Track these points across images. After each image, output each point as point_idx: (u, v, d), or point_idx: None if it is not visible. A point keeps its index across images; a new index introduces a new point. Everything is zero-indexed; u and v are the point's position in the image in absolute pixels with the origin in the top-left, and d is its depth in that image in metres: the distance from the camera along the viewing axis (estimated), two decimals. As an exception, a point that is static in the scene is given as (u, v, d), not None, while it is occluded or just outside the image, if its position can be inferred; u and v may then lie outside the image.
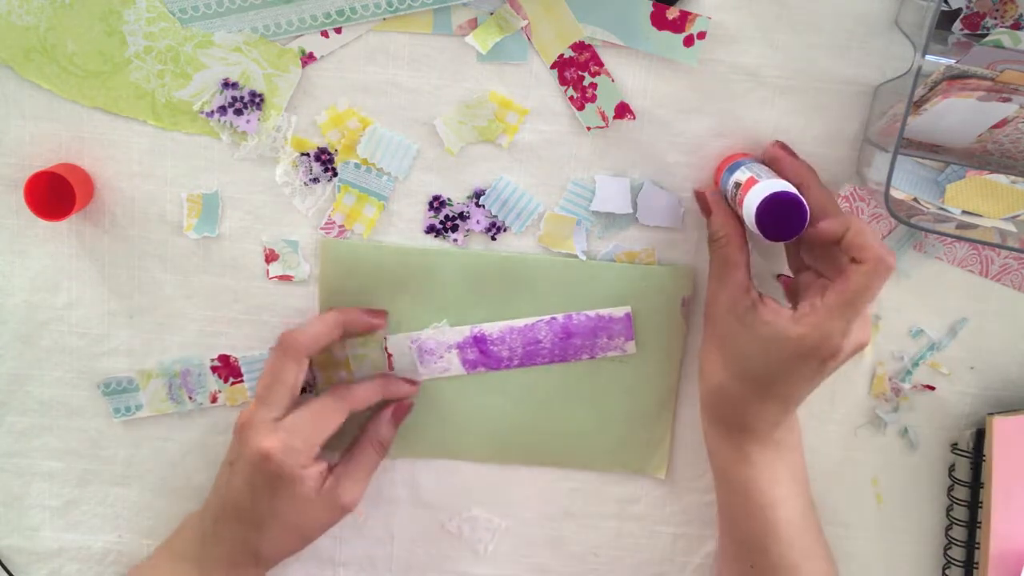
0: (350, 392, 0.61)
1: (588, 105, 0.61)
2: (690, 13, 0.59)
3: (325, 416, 0.60)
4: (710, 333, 0.59)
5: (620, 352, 0.65)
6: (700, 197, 0.61)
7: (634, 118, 0.61)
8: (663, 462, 0.67)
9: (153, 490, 0.67)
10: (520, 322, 0.64)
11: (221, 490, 0.60)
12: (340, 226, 0.63)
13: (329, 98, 0.61)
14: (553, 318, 0.64)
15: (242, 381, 0.65)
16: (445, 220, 0.63)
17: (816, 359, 0.54)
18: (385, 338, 0.64)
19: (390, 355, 0.65)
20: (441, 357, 0.65)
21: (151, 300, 0.64)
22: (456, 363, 0.65)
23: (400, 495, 0.68)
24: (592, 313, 0.64)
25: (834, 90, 0.61)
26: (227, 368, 0.65)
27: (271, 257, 0.63)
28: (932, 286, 0.65)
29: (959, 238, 0.59)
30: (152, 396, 0.65)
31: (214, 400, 0.66)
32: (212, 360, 0.65)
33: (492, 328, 0.64)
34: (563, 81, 0.61)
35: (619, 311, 0.64)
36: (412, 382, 0.65)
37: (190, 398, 0.65)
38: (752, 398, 0.57)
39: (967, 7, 0.58)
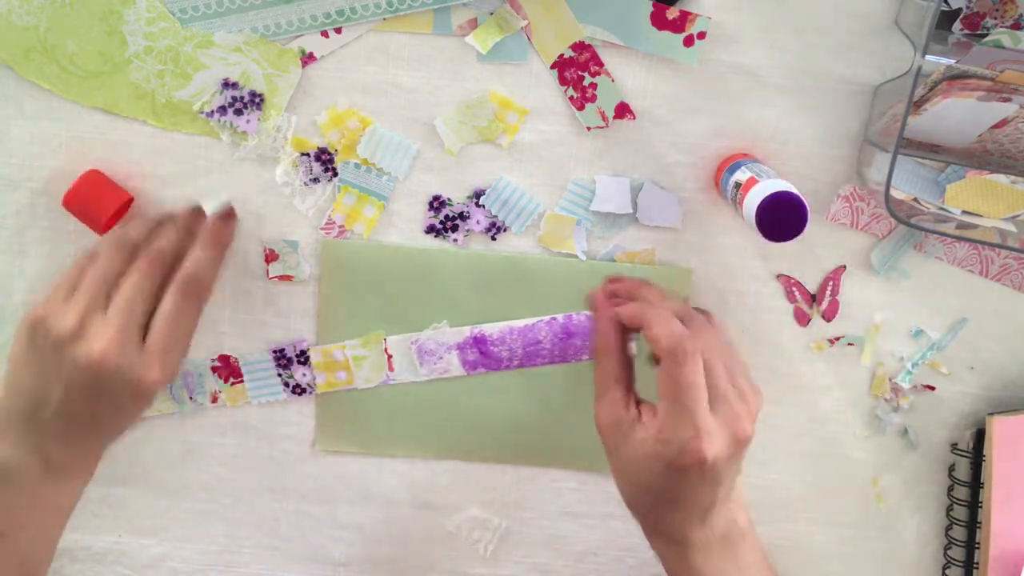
0: (200, 286, 0.56)
1: (588, 105, 0.61)
2: (690, 13, 0.59)
3: (189, 326, 0.56)
4: (605, 447, 0.56)
5: None
6: (591, 299, 0.60)
7: (634, 118, 0.61)
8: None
9: (153, 490, 0.67)
10: (520, 323, 0.64)
11: (67, 403, 0.54)
12: (340, 226, 0.63)
13: (329, 98, 0.61)
14: (553, 318, 0.64)
15: (242, 381, 0.65)
16: (445, 220, 0.63)
17: (690, 470, 0.51)
18: (385, 338, 0.64)
19: (390, 356, 0.65)
20: (441, 358, 0.65)
21: (151, 300, 0.64)
22: (456, 364, 0.65)
23: (400, 495, 0.68)
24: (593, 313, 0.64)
25: (834, 90, 0.61)
26: (227, 368, 0.65)
27: (271, 257, 0.63)
28: (932, 286, 0.65)
29: (959, 238, 0.59)
30: None
31: (214, 400, 0.66)
32: (212, 360, 0.65)
33: (492, 329, 0.64)
34: (563, 81, 0.61)
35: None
36: (230, 215, 0.60)
37: (190, 398, 0.65)
38: (661, 510, 0.54)
39: (967, 7, 0.58)
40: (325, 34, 0.60)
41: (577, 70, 0.60)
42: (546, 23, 0.60)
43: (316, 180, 0.62)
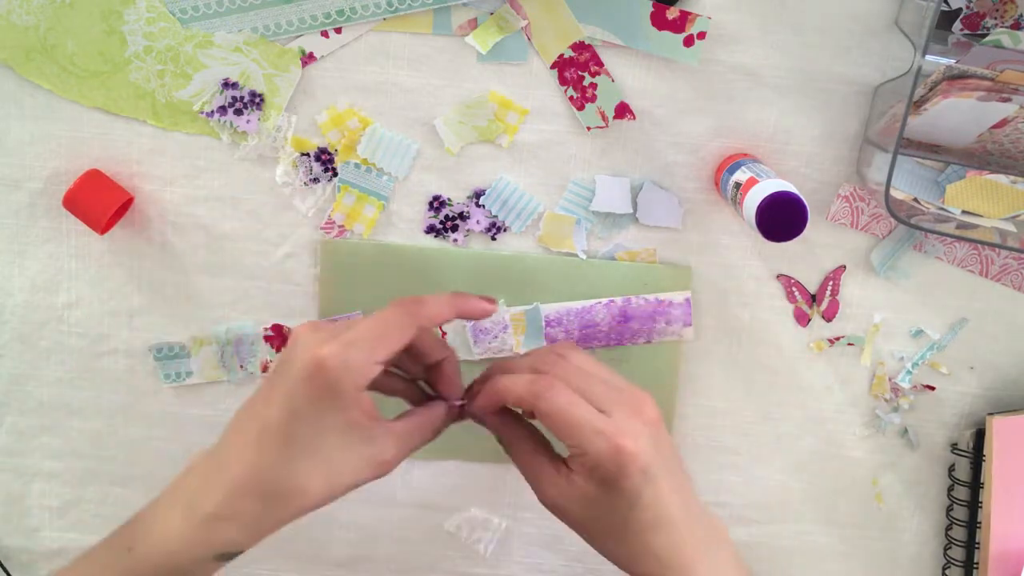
0: (419, 306, 0.52)
1: (588, 105, 0.61)
2: (690, 13, 0.59)
3: (390, 331, 0.50)
4: (577, 529, 0.52)
5: (677, 338, 0.64)
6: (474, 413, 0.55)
7: (634, 118, 0.61)
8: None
9: (153, 490, 0.67)
10: (577, 304, 0.64)
11: (246, 411, 0.50)
12: (340, 226, 0.63)
13: (329, 98, 0.61)
14: (611, 300, 0.63)
15: None
16: (445, 220, 0.63)
17: (625, 476, 0.48)
18: None
19: (444, 334, 0.64)
20: (496, 337, 0.64)
21: (151, 300, 0.64)
22: (511, 343, 0.64)
23: (400, 495, 0.68)
24: (651, 297, 0.63)
25: (834, 90, 0.61)
26: (280, 338, 0.65)
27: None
28: (932, 286, 0.65)
29: (959, 238, 0.59)
30: (204, 363, 0.65)
31: (264, 369, 0.65)
32: (265, 329, 0.64)
33: (550, 309, 0.64)
34: (563, 81, 0.61)
35: (679, 296, 0.63)
36: (490, 300, 0.56)
37: (241, 367, 0.65)
38: (647, 546, 0.50)
39: (967, 7, 0.58)
40: (325, 34, 0.60)
41: (577, 70, 0.60)
42: (546, 23, 0.60)
43: (316, 180, 0.62)
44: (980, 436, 0.65)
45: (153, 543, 0.49)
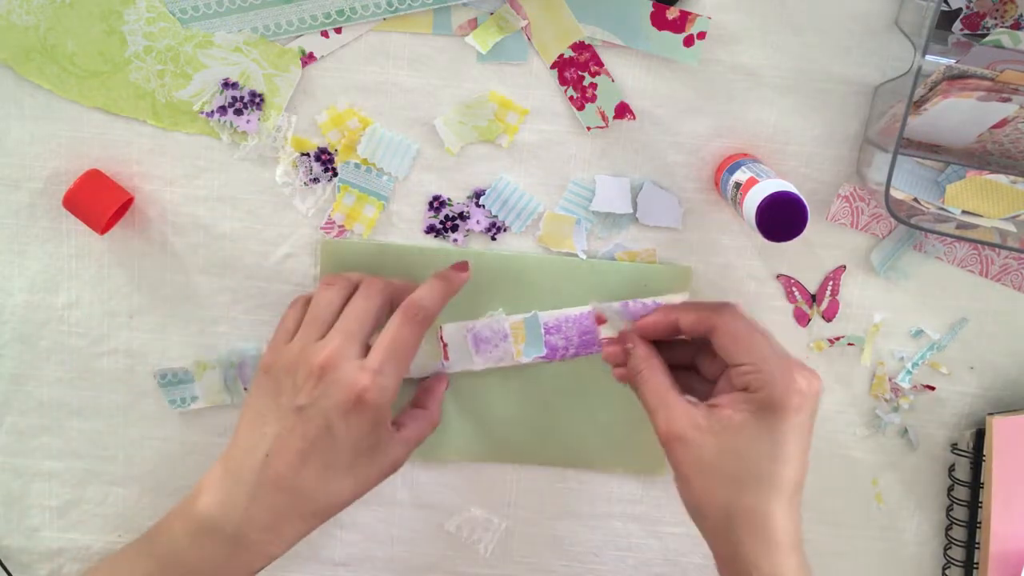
0: (419, 310, 0.56)
1: (588, 105, 0.61)
2: (690, 13, 0.59)
3: (408, 348, 0.56)
4: (674, 456, 0.54)
5: None
6: (615, 350, 0.59)
7: (634, 118, 0.61)
8: (664, 462, 0.67)
9: (153, 490, 0.67)
10: (576, 311, 0.64)
11: (280, 440, 0.54)
12: (340, 226, 0.63)
13: (329, 98, 0.61)
14: (609, 305, 0.63)
15: None
16: (445, 220, 0.63)
17: (789, 408, 0.51)
18: (440, 327, 0.64)
19: (445, 344, 0.64)
20: (496, 346, 0.64)
21: (150, 300, 0.64)
22: (512, 352, 0.64)
23: (400, 495, 0.68)
24: (649, 301, 0.63)
25: (834, 90, 0.61)
26: None
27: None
28: (932, 286, 0.65)
29: (959, 238, 0.59)
30: (208, 388, 0.65)
31: None
32: None
33: (548, 316, 0.64)
34: (563, 81, 0.61)
35: (676, 298, 0.63)
36: (462, 267, 0.61)
37: (245, 389, 0.65)
38: (767, 503, 0.52)
39: (967, 7, 0.58)
40: (325, 34, 0.60)
41: (577, 70, 0.60)
42: (546, 23, 0.60)
43: (316, 180, 0.62)
44: (980, 436, 0.65)
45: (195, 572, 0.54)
